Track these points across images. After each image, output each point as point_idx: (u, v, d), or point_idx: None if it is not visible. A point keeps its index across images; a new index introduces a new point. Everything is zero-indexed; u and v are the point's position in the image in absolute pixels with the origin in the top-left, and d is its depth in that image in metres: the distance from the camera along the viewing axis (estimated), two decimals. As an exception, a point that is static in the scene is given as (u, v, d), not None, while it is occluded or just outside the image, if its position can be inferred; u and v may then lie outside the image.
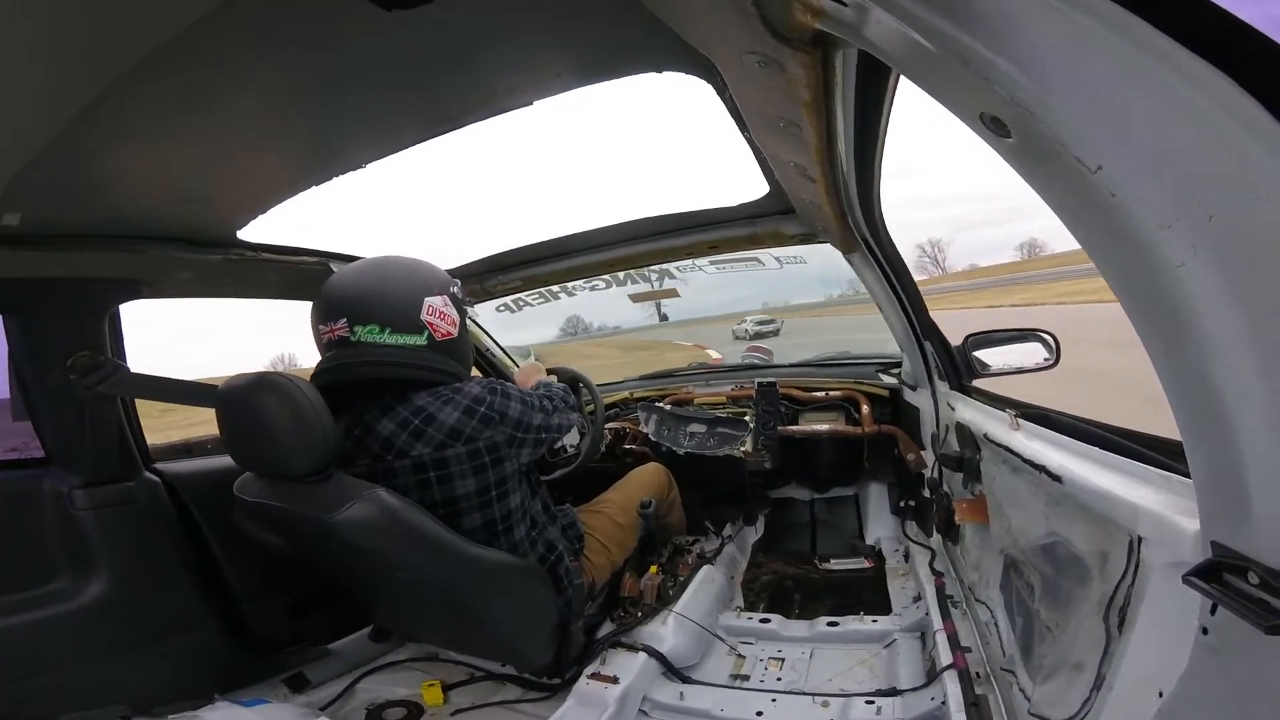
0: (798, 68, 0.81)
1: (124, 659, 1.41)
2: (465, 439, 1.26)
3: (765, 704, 1.44)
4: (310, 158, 1.28)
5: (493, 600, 1.32)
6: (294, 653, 1.70)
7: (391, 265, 1.33)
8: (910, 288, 1.75)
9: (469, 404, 1.28)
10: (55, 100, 0.80)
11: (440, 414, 1.26)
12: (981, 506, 1.43)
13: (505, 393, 1.34)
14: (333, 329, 1.26)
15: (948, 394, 1.74)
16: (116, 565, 1.42)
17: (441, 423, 1.25)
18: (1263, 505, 0.46)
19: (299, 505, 1.17)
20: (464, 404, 1.28)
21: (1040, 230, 66.25)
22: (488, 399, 1.30)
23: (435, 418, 1.26)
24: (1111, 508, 0.78)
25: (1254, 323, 0.41)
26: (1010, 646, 1.20)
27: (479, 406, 1.28)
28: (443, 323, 1.32)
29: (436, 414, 1.26)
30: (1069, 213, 0.53)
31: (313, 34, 0.87)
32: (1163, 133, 0.41)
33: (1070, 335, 1.84)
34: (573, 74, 1.11)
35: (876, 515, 2.40)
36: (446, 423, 1.26)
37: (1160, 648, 0.66)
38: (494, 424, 1.29)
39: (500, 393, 1.33)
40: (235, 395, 1.17)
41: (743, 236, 1.89)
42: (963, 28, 0.47)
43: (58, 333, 1.36)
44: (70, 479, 1.41)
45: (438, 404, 1.27)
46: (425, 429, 1.25)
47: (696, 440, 2.30)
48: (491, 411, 1.29)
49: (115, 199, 1.22)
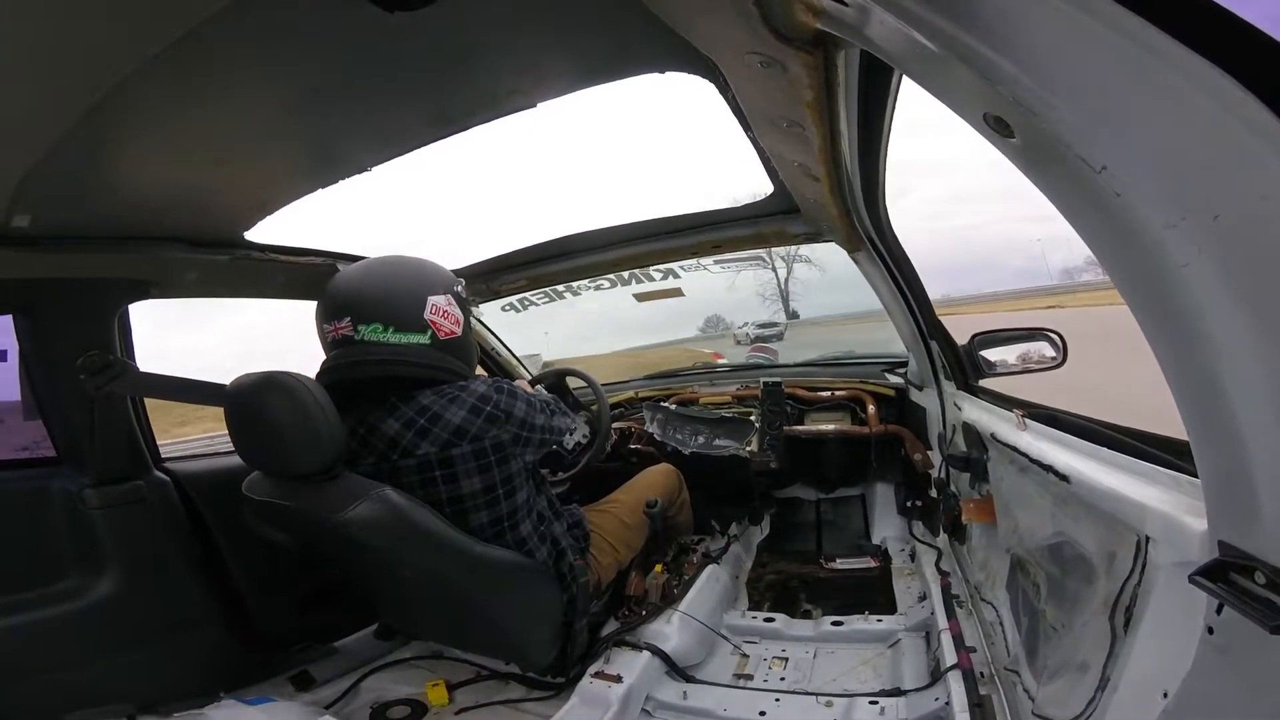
0: (800, 68, 0.80)
1: (131, 657, 1.43)
2: (471, 438, 1.27)
3: (769, 704, 1.44)
4: (315, 160, 1.28)
5: (497, 598, 1.33)
6: (300, 651, 1.71)
7: (395, 265, 1.34)
8: (916, 287, 1.74)
9: (475, 403, 1.28)
10: (64, 103, 0.81)
11: (446, 413, 1.26)
12: (988, 506, 1.42)
13: (511, 392, 1.34)
14: (337, 328, 1.27)
15: (954, 394, 1.73)
16: (125, 564, 1.44)
17: (448, 421, 1.26)
18: (1270, 505, 0.46)
19: (306, 504, 1.18)
20: (470, 403, 1.28)
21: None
22: (494, 398, 1.30)
23: (441, 416, 1.26)
24: (1119, 508, 0.78)
25: (1260, 321, 0.41)
26: (1015, 646, 1.20)
27: (485, 405, 1.28)
28: (446, 321, 1.33)
29: (442, 413, 1.26)
30: (1074, 213, 0.53)
31: (317, 36, 0.87)
32: (1166, 132, 0.41)
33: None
34: (576, 75, 1.11)
35: (883, 515, 2.38)
36: (453, 422, 1.26)
37: (1166, 648, 0.66)
38: (500, 423, 1.29)
39: (507, 392, 1.33)
40: (243, 394, 1.18)
41: (748, 236, 1.89)
42: (964, 27, 0.47)
43: (68, 333, 1.38)
44: (80, 478, 1.43)
45: (443, 402, 1.27)
46: (431, 428, 1.26)
47: (702, 440, 2.30)
48: (498, 411, 1.29)
49: (124, 200, 1.23)
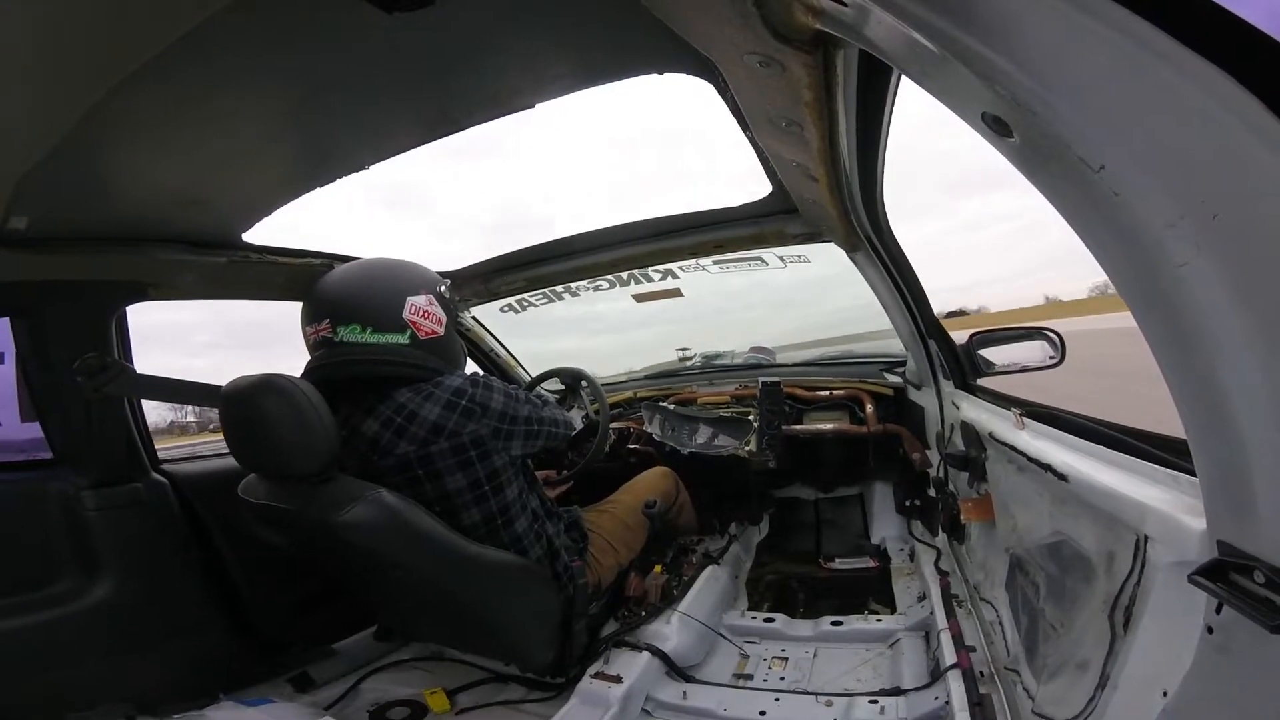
0: (799, 68, 0.80)
1: (129, 659, 1.42)
2: (449, 434, 1.26)
3: (768, 703, 1.44)
4: (313, 159, 1.28)
5: (494, 599, 1.33)
6: (299, 652, 1.71)
7: (376, 267, 1.34)
8: (915, 286, 1.74)
9: (449, 398, 1.27)
10: (61, 104, 0.80)
11: (422, 410, 1.25)
12: (987, 506, 1.42)
13: (488, 385, 1.32)
14: (317, 329, 1.28)
15: (953, 393, 1.73)
16: (123, 566, 1.44)
17: (423, 419, 1.25)
18: (1269, 504, 0.46)
19: (302, 506, 1.18)
20: (444, 398, 1.27)
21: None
22: (469, 391, 1.29)
23: (417, 415, 1.25)
24: (1118, 507, 0.78)
25: (1259, 321, 0.41)
26: (1015, 646, 1.20)
27: (460, 399, 1.27)
28: (426, 321, 1.32)
29: (418, 411, 1.25)
30: (1073, 212, 0.53)
31: (315, 36, 0.87)
32: (1165, 132, 0.41)
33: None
34: (574, 76, 1.11)
35: (881, 515, 2.39)
36: (428, 419, 1.25)
37: (1165, 647, 0.66)
38: (475, 416, 1.28)
39: (482, 384, 1.31)
40: (238, 396, 1.17)
41: (746, 236, 1.89)
42: (963, 27, 0.47)
43: (65, 335, 1.38)
44: (78, 480, 1.43)
45: (419, 400, 1.26)
46: (408, 426, 1.25)
47: (701, 440, 2.30)
48: (473, 404, 1.28)
49: (121, 202, 1.23)
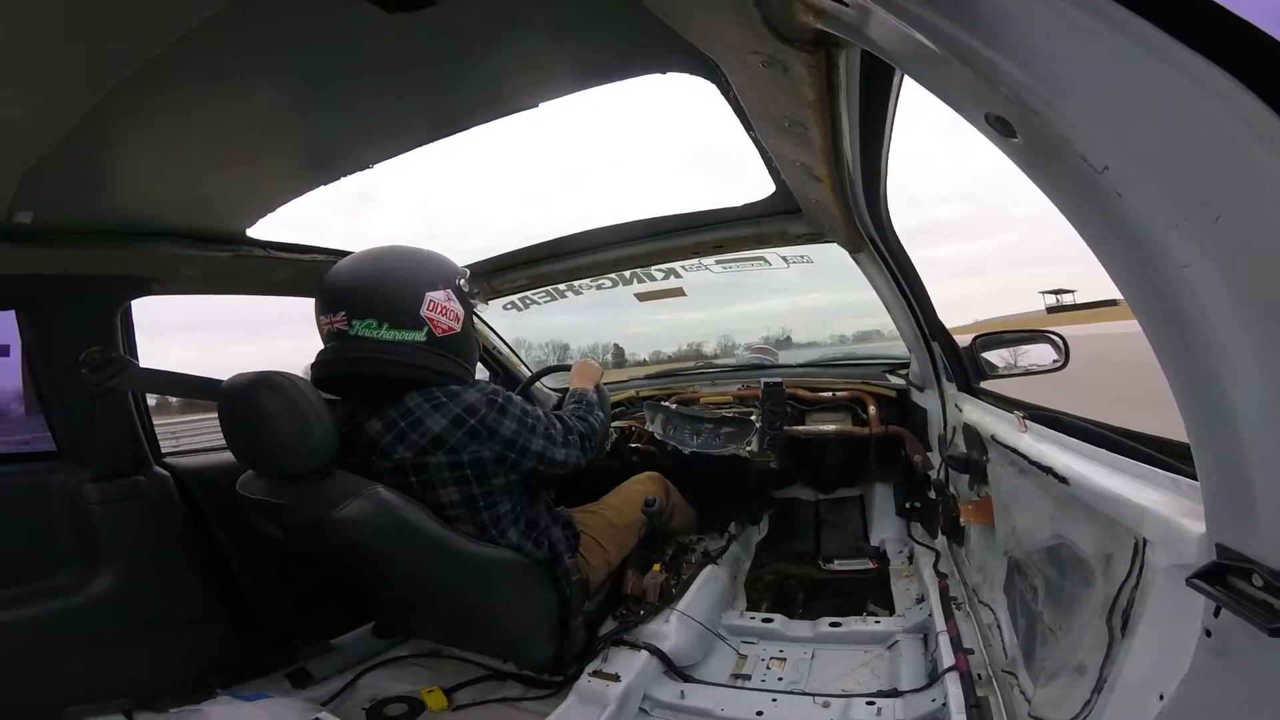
0: (801, 68, 0.81)
1: (129, 652, 1.43)
2: (448, 449, 1.23)
3: (766, 704, 1.44)
4: (316, 157, 1.28)
5: (490, 596, 1.33)
6: (297, 647, 1.71)
7: (394, 257, 1.31)
8: (918, 288, 1.74)
9: (460, 413, 1.23)
10: (66, 99, 0.81)
11: (428, 419, 1.23)
12: (987, 508, 1.42)
13: (503, 408, 1.27)
14: (332, 321, 1.26)
15: (955, 395, 1.73)
16: (124, 559, 1.44)
17: (427, 429, 1.22)
18: (1268, 507, 0.46)
19: (299, 502, 1.18)
20: (454, 413, 1.23)
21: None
22: (481, 411, 1.24)
23: (422, 423, 1.23)
24: (1117, 510, 0.77)
25: (1261, 323, 0.41)
26: (1013, 648, 1.19)
27: (469, 418, 1.23)
28: (444, 318, 1.30)
29: (424, 419, 1.23)
30: (1076, 213, 0.53)
31: (317, 35, 0.87)
32: (1168, 133, 0.41)
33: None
34: (577, 76, 1.11)
35: (881, 517, 2.38)
36: (432, 430, 1.22)
37: (1162, 650, 0.66)
38: (481, 439, 1.24)
39: (498, 407, 1.27)
40: (236, 393, 1.18)
41: (749, 236, 1.89)
42: (965, 27, 0.47)
43: (70, 328, 1.38)
44: (80, 472, 1.43)
45: (427, 407, 1.23)
46: (410, 433, 1.23)
47: (702, 439, 2.30)
48: (482, 426, 1.24)
49: (126, 197, 1.23)
